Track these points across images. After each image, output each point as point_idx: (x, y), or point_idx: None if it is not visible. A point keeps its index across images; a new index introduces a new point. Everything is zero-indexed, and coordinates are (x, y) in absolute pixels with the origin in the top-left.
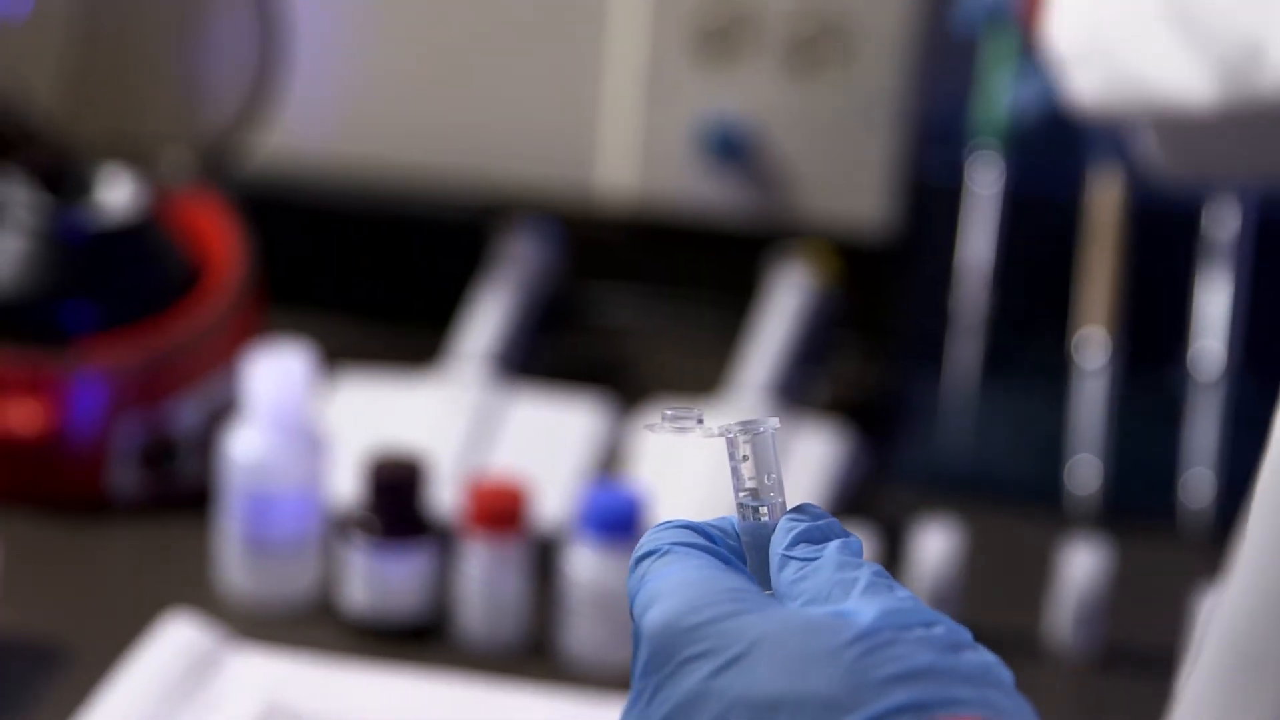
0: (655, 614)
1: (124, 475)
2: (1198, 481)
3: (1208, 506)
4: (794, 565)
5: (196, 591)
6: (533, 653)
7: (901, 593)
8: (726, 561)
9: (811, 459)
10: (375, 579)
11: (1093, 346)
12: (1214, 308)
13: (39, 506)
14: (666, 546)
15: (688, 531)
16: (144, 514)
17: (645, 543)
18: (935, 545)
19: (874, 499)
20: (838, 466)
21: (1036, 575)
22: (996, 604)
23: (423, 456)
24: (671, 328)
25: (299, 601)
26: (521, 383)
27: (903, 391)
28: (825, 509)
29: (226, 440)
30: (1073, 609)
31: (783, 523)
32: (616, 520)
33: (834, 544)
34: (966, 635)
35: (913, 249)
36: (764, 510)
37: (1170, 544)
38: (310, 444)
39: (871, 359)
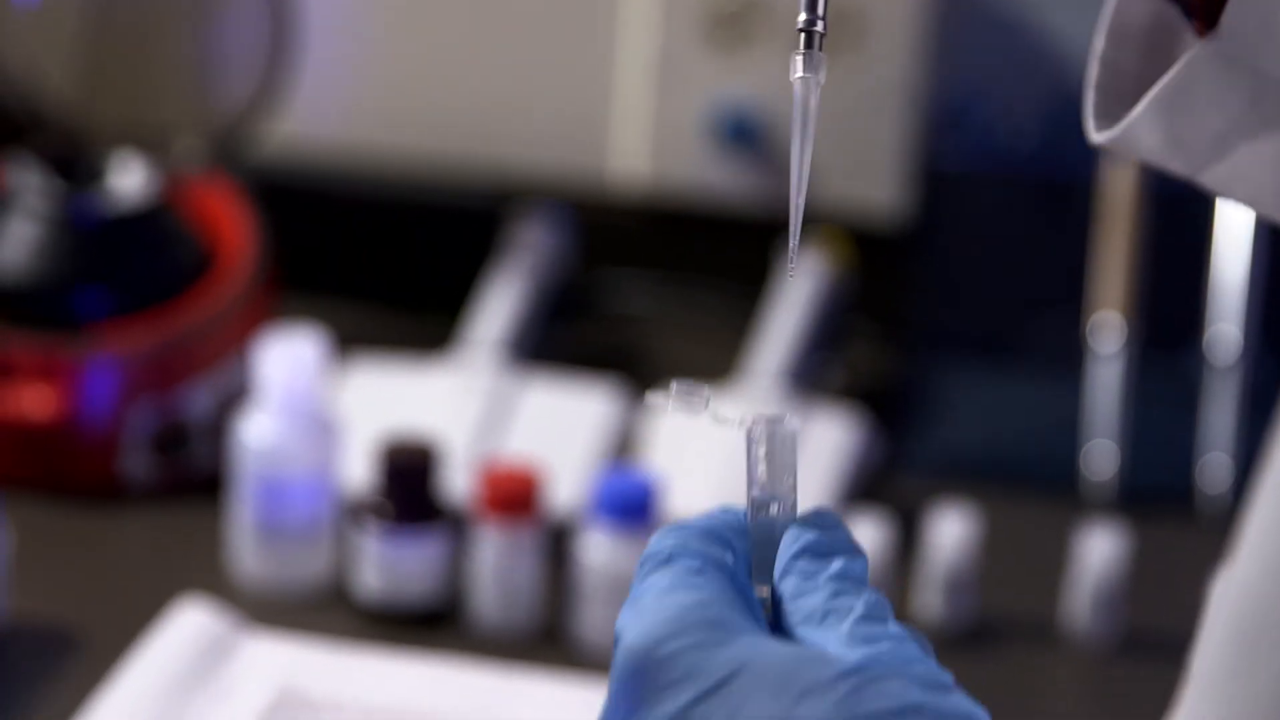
0: (631, 634)
1: (136, 461)
2: (1215, 466)
3: (1225, 491)
4: (795, 577)
5: (209, 577)
6: (546, 638)
7: (894, 628)
8: (727, 572)
9: (825, 446)
10: (388, 564)
11: (1108, 330)
12: (1230, 291)
13: (51, 492)
14: (668, 554)
15: (695, 537)
16: (156, 500)
17: (651, 544)
18: (950, 532)
19: (888, 486)
20: (851, 453)
21: (1053, 561)
22: (1013, 591)
23: (436, 442)
24: (684, 314)
25: (312, 587)
26: (534, 369)
27: (916, 377)
28: (839, 496)
29: (239, 426)
30: (1090, 595)
31: (792, 529)
32: (630, 506)
33: (837, 564)
34: (949, 678)
35: (926, 235)
36: (775, 508)
37: (1188, 529)
38: (323, 429)
39: (885, 345)
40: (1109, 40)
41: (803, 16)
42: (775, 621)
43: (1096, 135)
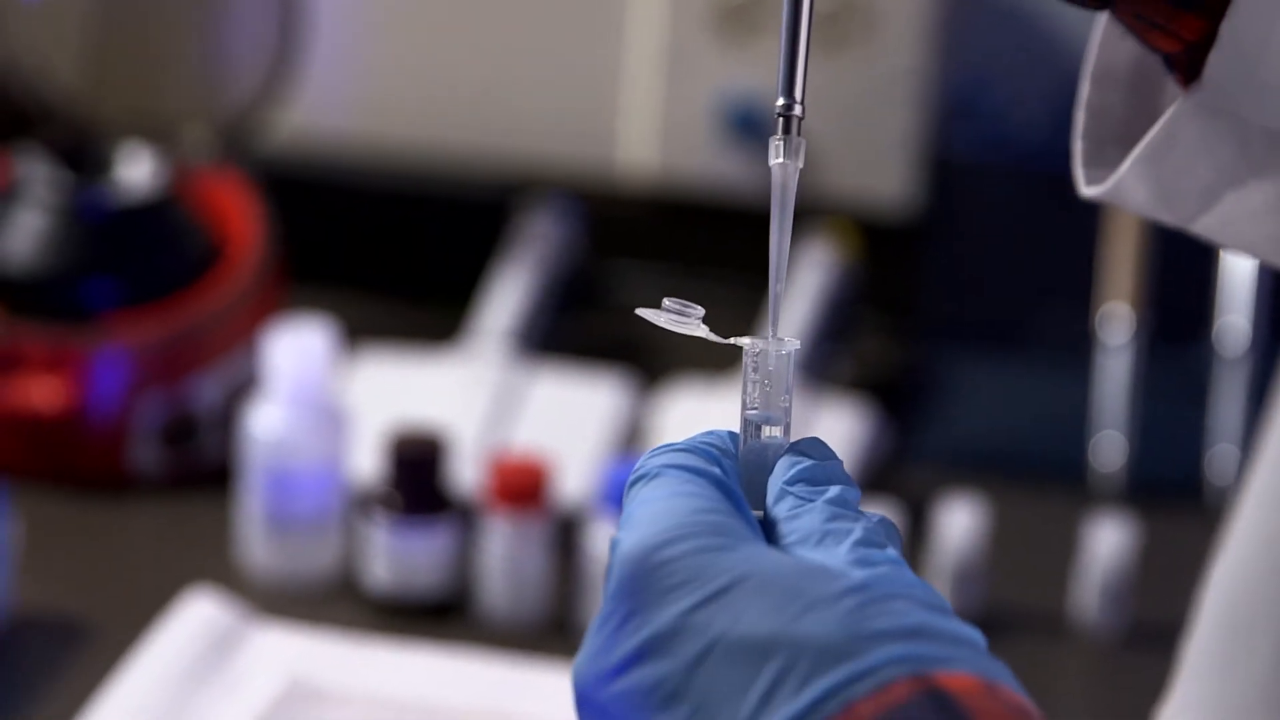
0: (630, 540)
1: (145, 452)
2: (1223, 458)
3: (1234, 483)
4: (791, 500)
5: (218, 568)
6: (554, 629)
7: (891, 553)
8: (721, 487)
9: (834, 436)
10: (397, 555)
11: (1117, 322)
12: (1239, 283)
13: (60, 484)
14: (656, 470)
15: (684, 454)
16: (165, 491)
17: (638, 466)
18: (959, 522)
19: (897, 476)
20: (861, 444)
21: (1061, 552)
22: (1021, 581)
23: (444, 433)
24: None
25: (320, 578)
26: (542, 360)
27: (925, 368)
28: None
29: (247, 417)
30: (1098, 586)
31: (787, 456)
32: None
33: (833, 490)
34: (947, 603)
35: (935, 226)
36: (769, 430)
37: (1196, 520)
38: (331, 420)
39: (894, 336)
40: (1094, 85)
41: (780, 101)
42: (768, 543)
43: (1087, 189)
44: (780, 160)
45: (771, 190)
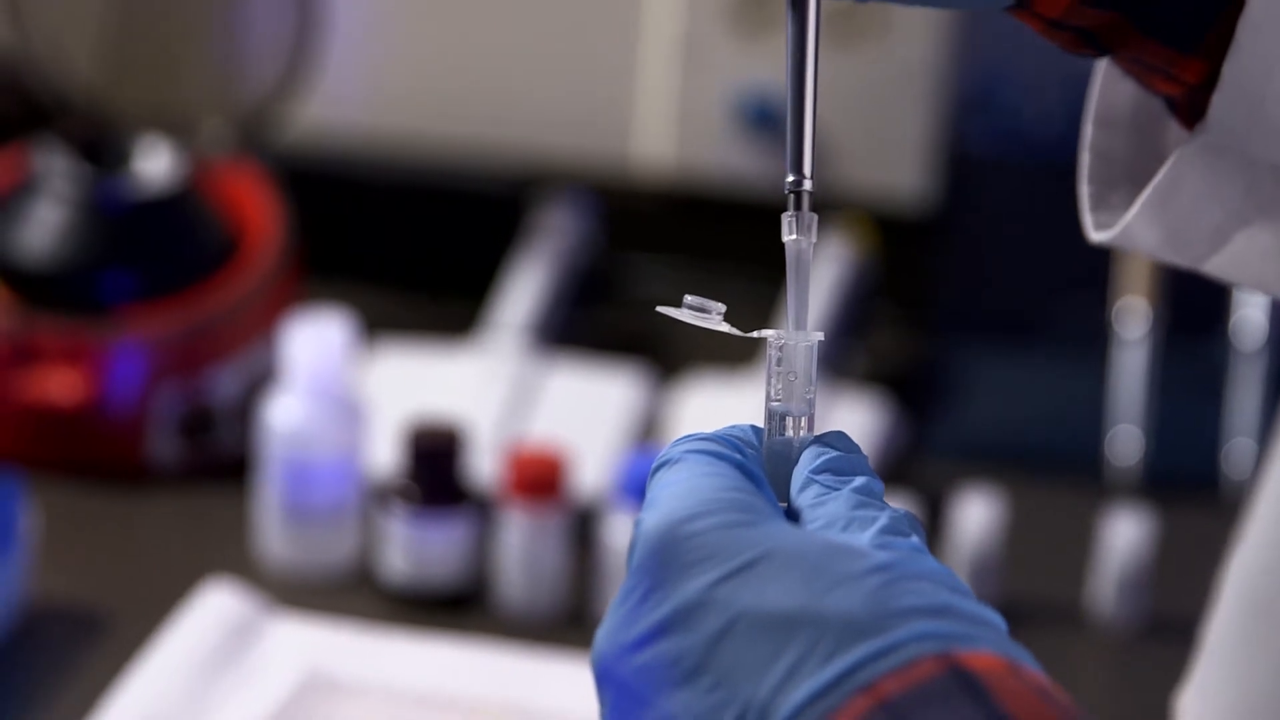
0: (654, 516)
1: (163, 444)
2: (1240, 451)
3: (1250, 476)
4: (816, 489)
5: (236, 559)
6: (571, 621)
7: (915, 541)
8: (744, 470)
9: (850, 430)
10: (414, 547)
11: (1133, 315)
12: None
13: (79, 475)
14: (680, 456)
15: (707, 442)
16: (183, 482)
17: (662, 454)
18: (976, 516)
19: (913, 470)
20: (877, 437)
21: (1078, 546)
22: (1038, 575)
23: (461, 425)
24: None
25: (338, 570)
26: (558, 353)
27: (941, 362)
28: None
29: (265, 408)
30: (1115, 579)
31: (813, 447)
32: None
33: (859, 480)
34: (968, 588)
35: (951, 220)
36: (793, 422)
37: (1212, 514)
38: (349, 412)
39: (910, 330)
40: (1096, 127)
41: (790, 178)
42: None
43: (1095, 234)
44: (794, 237)
45: (786, 265)
